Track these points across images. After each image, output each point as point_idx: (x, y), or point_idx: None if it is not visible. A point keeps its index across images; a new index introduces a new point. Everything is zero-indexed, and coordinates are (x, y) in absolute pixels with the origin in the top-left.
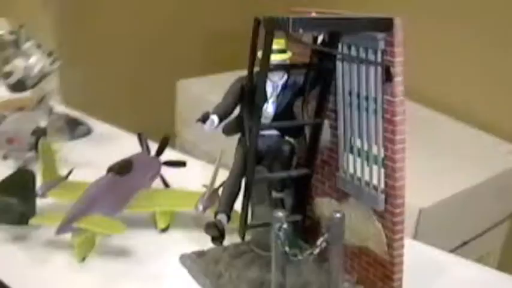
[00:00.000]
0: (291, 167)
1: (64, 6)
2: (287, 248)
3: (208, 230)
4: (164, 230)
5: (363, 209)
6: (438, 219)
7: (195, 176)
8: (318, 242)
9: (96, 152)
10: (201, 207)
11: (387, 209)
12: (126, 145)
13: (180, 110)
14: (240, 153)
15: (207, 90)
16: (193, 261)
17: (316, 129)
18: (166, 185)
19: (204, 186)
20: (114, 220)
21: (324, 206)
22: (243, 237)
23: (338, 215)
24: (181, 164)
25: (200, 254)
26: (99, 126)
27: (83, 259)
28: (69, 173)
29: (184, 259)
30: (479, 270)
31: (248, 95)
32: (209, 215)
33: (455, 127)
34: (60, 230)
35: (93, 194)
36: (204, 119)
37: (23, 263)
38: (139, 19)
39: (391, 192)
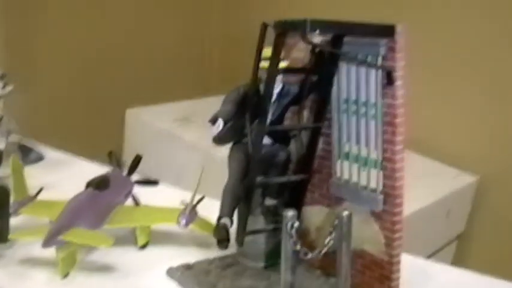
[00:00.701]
0: (286, 174)
1: (12, 30)
2: (298, 247)
3: (217, 232)
4: (144, 246)
5: (358, 213)
6: None
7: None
8: (326, 241)
9: (48, 178)
10: (183, 222)
11: (386, 210)
12: (77, 171)
13: (128, 139)
14: (238, 160)
15: (156, 119)
16: (183, 274)
17: (315, 134)
18: (137, 203)
19: (182, 202)
20: (100, 233)
21: (314, 214)
22: (241, 244)
23: (346, 213)
24: (153, 182)
25: (188, 267)
26: (49, 153)
27: (66, 275)
28: (39, 191)
29: (172, 272)
30: (460, 274)
31: (252, 99)
32: (187, 230)
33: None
34: (47, 243)
35: (75, 208)
36: (214, 121)
37: (1, 281)
38: (89, 47)
39: (391, 193)
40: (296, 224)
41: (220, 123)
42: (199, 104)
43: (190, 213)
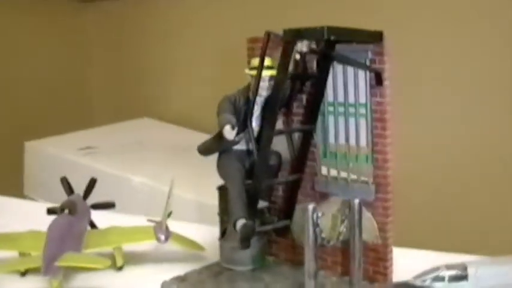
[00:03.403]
0: (277, 176)
1: None
2: (323, 235)
3: (244, 230)
4: (122, 266)
5: (337, 203)
6: None
7: None
8: (341, 228)
9: None
10: (162, 237)
11: (378, 198)
12: None
13: (29, 171)
14: (236, 167)
15: (59, 150)
16: (180, 285)
17: (308, 135)
18: (94, 226)
19: (149, 220)
20: (94, 256)
21: (296, 213)
22: (247, 247)
23: (356, 201)
24: (110, 205)
25: (182, 279)
26: None
27: None
28: None
29: (167, 286)
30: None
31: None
32: (160, 246)
33: None
34: (46, 271)
35: (59, 235)
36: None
37: None
38: None
39: (383, 182)
40: (320, 214)
41: (227, 127)
42: (96, 133)
43: (166, 228)
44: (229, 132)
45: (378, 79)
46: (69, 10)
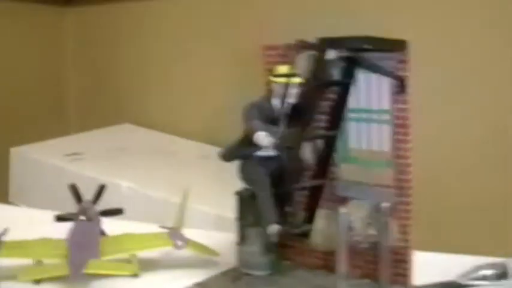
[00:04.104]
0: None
1: None
2: (358, 238)
3: (279, 236)
4: (137, 273)
5: (366, 207)
6: None
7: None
8: (371, 231)
9: None
10: (180, 243)
11: (399, 201)
12: None
13: (14, 177)
14: (261, 173)
15: (45, 156)
16: None
17: (331, 141)
18: (103, 233)
19: (161, 227)
20: (120, 262)
21: (318, 218)
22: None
23: (385, 204)
24: (118, 212)
25: (203, 285)
26: None
27: None
28: (4, 232)
29: None
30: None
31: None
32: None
33: None
34: (74, 279)
35: (81, 242)
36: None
37: None
38: None
39: (404, 185)
40: (353, 218)
41: (261, 134)
42: (80, 139)
43: (182, 234)
44: (264, 139)
45: (401, 86)
46: (48, 15)
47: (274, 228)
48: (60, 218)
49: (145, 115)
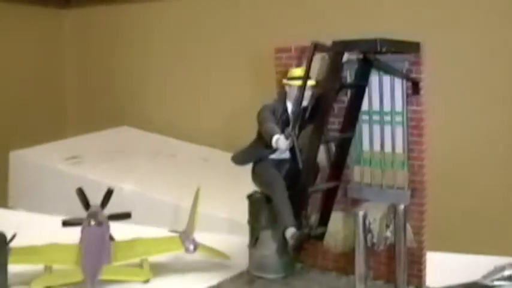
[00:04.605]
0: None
1: None
2: (375, 240)
3: (297, 239)
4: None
5: (381, 210)
6: None
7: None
8: (388, 233)
9: None
10: (191, 247)
11: (413, 203)
12: None
13: (14, 181)
14: (275, 174)
15: (45, 159)
16: None
17: (346, 143)
18: (111, 238)
19: (171, 231)
20: (135, 268)
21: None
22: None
23: (402, 206)
24: (126, 216)
25: None
26: None
27: None
28: (12, 238)
29: None
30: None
31: (302, 112)
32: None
33: None
34: (92, 285)
35: (95, 247)
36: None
37: None
38: None
39: (419, 187)
40: (372, 220)
41: (280, 137)
42: (78, 142)
43: (193, 238)
44: (283, 142)
45: (415, 88)
46: (46, 17)
47: (291, 232)
48: (66, 223)
49: (143, 118)
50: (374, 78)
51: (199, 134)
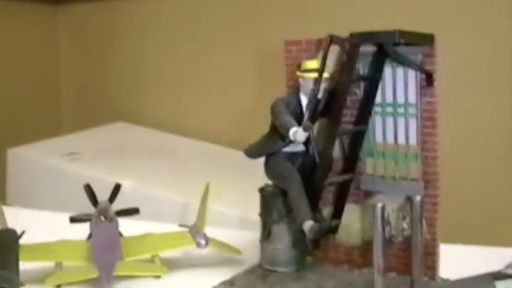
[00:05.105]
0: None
1: None
2: (393, 232)
3: (316, 232)
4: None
5: (393, 202)
6: None
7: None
8: (405, 225)
9: None
10: (203, 242)
11: (427, 194)
12: None
13: (12, 178)
14: (290, 168)
15: (43, 157)
16: None
17: (359, 136)
18: (120, 234)
19: (180, 225)
20: (150, 264)
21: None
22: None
23: (418, 198)
24: (134, 211)
25: (230, 283)
26: None
27: None
28: (21, 235)
29: None
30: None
31: (316, 105)
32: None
33: None
34: (108, 282)
35: (107, 243)
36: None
37: None
38: None
39: (432, 178)
40: (390, 212)
41: (297, 130)
42: (75, 138)
43: (204, 233)
44: (302, 134)
45: (428, 80)
46: (40, 13)
47: (310, 225)
48: (74, 220)
49: (139, 113)
50: (387, 70)
51: (196, 129)
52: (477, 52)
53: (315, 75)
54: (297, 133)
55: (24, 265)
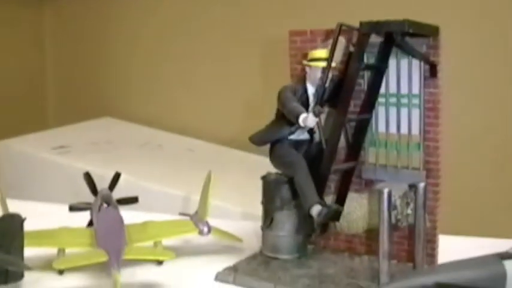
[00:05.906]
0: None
1: None
2: (400, 216)
3: (324, 216)
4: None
5: (396, 190)
6: None
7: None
8: (409, 211)
9: None
10: (206, 229)
11: (428, 183)
12: None
13: (3, 172)
14: (296, 154)
15: (32, 149)
16: (236, 275)
17: (364, 124)
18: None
19: (181, 214)
20: (158, 248)
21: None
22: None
23: (422, 184)
24: (133, 199)
25: (234, 269)
26: None
27: None
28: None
29: (223, 276)
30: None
31: (323, 93)
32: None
33: None
34: (117, 266)
35: (114, 228)
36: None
37: None
38: None
39: (434, 167)
40: (397, 197)
41: (308, 115)
42: (63, 132)
43: (206, 221)
44: (313, 120)
45: (432, 71)
46: (26, 9)
47: (318, 209)
48: (73, 208)
49: (125, 109)
50: (392, 61)
51: (183, 125)
52: (475, 46)
53: (323, 64)
54: (307, 119)
55: (26, 252)
